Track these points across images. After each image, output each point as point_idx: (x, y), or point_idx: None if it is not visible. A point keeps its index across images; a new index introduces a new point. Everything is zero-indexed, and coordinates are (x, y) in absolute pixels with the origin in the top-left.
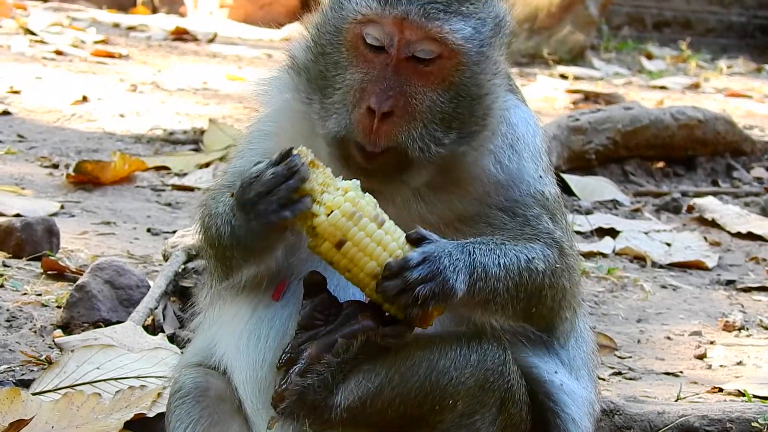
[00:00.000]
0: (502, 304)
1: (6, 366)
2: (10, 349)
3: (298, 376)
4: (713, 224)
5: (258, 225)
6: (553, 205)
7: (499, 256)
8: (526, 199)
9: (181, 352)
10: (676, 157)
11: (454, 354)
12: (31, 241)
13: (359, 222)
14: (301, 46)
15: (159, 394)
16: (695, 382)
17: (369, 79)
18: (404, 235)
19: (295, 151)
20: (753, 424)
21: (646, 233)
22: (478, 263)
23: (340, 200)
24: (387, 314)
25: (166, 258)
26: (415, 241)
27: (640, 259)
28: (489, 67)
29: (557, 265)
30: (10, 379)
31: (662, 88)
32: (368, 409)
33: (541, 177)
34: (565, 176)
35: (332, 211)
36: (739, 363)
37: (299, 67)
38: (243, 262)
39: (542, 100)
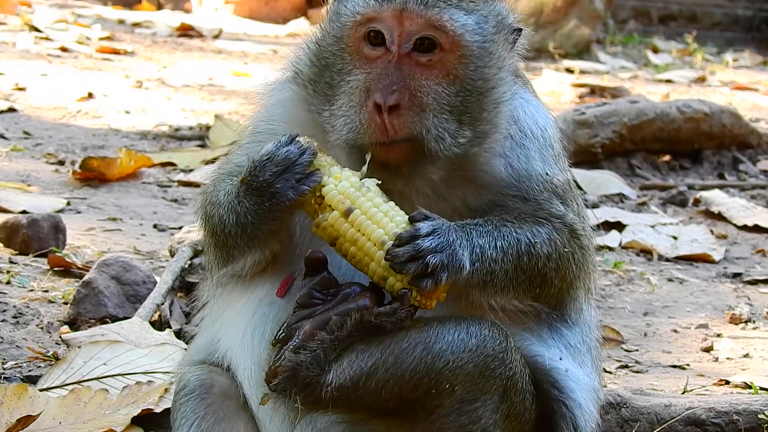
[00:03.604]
0: (500, 286)
1: (13, 362)
2: (17, 346)
3: (292, 352)
4: (720, 217)
5: (274, 205)
6: (563, 189)
7: (496, 239)
8: (535, 187)
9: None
10: (682, 150)
11: (452, 338)
12: (37, 238)
13: (367, 193)
14: (303, 62)
15: (166, 390)
16: (702, 375)
17: (372, 77)
18: (407, 216)
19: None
20: (760, 416)
21: (652, 227)
22: (476, 244)
23: (348, 173)
24: (386, 299)
25: (172, 254)
26: (418, 219)
27: (646, 253)
28: (493, 62)
29: (566, 249)
30: (18, 375)
31: (668, 81)
32: (361, 390)
33: (550, 167)
34: (571, 170)
35: (340, 182)
36: (746, 355)
37: (305, 81)
38: (246, 248)
39: (548, 94)
